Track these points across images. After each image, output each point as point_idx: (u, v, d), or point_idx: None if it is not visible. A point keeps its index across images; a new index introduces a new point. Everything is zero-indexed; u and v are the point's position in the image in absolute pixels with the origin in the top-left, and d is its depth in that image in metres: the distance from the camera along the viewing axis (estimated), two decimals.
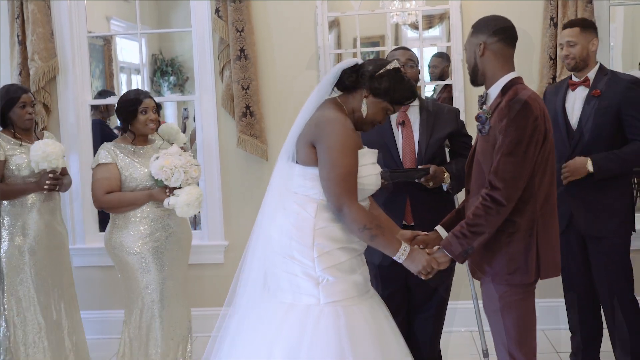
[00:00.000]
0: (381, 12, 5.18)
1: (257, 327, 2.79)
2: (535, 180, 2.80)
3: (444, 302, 3.78)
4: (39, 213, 4.09)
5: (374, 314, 2.82)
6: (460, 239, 2.79)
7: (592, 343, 4.11)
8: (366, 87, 2.84)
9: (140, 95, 4.02)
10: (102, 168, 3.92)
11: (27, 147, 4.08)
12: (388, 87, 2.84)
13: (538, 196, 2.82)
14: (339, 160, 2.69)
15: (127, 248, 3.91)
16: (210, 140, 5.04)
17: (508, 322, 2.87)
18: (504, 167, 2.73)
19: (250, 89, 4.84)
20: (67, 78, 5.06)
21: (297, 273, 2.74)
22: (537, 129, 2.76)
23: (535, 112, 2.76)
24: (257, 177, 4.99)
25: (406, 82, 2.90)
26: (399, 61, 3.59)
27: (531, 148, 2.74)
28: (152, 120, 4.00)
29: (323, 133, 2.72)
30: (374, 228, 2.70)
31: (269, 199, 2.90)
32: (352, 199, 2.70)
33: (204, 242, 5.14)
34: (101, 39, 7.99)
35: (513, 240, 2.82)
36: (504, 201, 2.73)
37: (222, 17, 4.84)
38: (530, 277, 2.84)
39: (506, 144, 2.74)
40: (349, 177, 2.70)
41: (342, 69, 2.85)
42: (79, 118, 5.09)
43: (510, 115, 2.75)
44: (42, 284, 4.10)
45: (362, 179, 2.78)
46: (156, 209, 3.96)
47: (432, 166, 3.49)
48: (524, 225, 2.81)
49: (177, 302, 4.05)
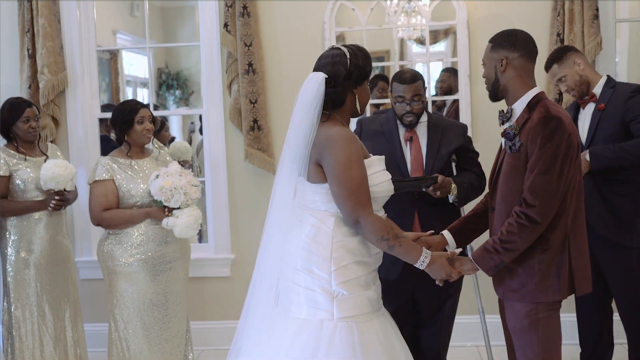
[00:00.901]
0: (387, 28, 5.21)
1: (268, 343, 2.77)
2: (567, 196, 2.79)
3: (451, 315, 3.77)
4: (45, 228, 4.11)
5: (386, 331, 2.80)
6: (492, 254, 2.78)
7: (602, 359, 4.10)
8: (352, 86, 2.81)
9: (136, 105, 4.02)
10: (100, 185, 3.92)
11: (31, 161, 4.10)
12: (364, 68, 2.83)
13: (569, 212, 2.81)
14: (346, 174, 2.68)
15: (117, 258, 3.91)
16: (218, 153, 5.06)
17: (534, 339, 2.84)
18: (539, 185, 2.71)
19: (258, 103, 4.86)
20: (76, 91, 5.09)
21: (314, 288, 2.72)
22: (571, 145, 2.75)
23: (568, 129, 2.75)
24: (264, 191, 5.00)
25: (362, 49, 2.87)
26: (405, 98, 3.61)
27: (566, 166, 2.74)
28: (149, 130, 4.00)
29: (325, 152, 2.71)
30: (391, 238, 2.69)
31: (277, 214, 2.86)
32: (367, 210, 2.69)
33: (210, 255, 5.15)
34: (108, 53, 8.03)
35: (545, 257, 2.79)
36: (540, 219, 2.71)
37: (231, 32, 4.88)
38: (563, 294, 2.82)
39: (541, 162, 2.72)
40: (360, 188, 2.69)
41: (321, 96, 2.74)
42: (88, 131, 5.12)
43: (544, 133, 2.72)
44: (47, 298, 4.12)
45: (375, 187, 2.77)
46: (154, 225, 3.96)
47: (440, 175, 3.50)
48: (557, 241, 2.79)
49: (173, 315, 4.03)
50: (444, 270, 2.78)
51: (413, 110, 3.61)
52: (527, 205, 2.73)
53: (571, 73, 3.91)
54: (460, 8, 4.83)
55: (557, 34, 4.63)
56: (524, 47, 2.88)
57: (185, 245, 4.14)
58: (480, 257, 2.81)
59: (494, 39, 2.95)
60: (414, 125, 3.66)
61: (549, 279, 2.79)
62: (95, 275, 4.94)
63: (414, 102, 3.60)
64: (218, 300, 5.15)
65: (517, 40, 2.88)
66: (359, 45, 2.89)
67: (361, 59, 2.82)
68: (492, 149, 4.34)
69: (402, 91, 3.61)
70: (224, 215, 5.10)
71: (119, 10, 8.30)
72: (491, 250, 2.78)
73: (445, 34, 7.69)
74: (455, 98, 5.10)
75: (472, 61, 4.85)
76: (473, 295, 4.21)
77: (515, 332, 2.92)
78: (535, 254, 2.79)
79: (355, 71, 2.80)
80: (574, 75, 3.90)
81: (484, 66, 2.98)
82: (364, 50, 2.86)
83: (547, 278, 2.79)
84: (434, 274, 2.79)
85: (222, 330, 5.03)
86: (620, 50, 6.29)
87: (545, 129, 2.73)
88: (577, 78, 3.90)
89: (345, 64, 2.79)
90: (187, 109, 9.13)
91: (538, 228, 2.73)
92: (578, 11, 4.59)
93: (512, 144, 2.83)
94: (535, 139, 2.74)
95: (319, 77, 2.77)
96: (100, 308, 4.91)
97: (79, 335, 4.29)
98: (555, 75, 3.96)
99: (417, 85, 3.62)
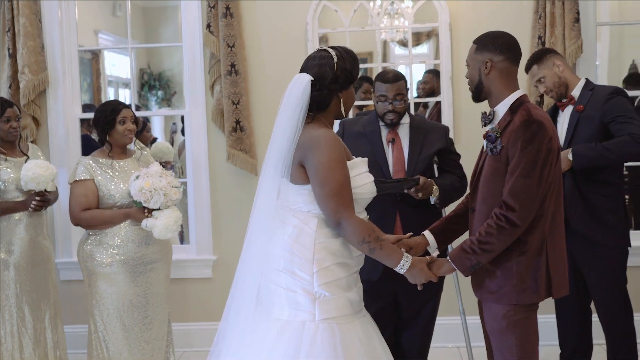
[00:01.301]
0: (370, 29, 5.22)
1: (250, 344, 2.77)
2: (546, 199, 2.80)
3: (432, 317, 3.78)
4: (25, 229, 4.08)
5: (367, 333, 2.80)
6: (469, 254, 2.78)
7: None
8: (338, 89, 2.81)
9: (118, 105, 4.01)
10: (80, 185, 3.90)
11: (12, 161, 4.08)
12: (350, 72, 2.82)
13: (547, 215, 2.81)
14: (329, 175, 2.68)
15: (97, 259, 3.89)
16: (200, 154, 5.05)
17: (512, 340, 2.84)
18: (520, 188, 2.72)
19: (240, 103, 4.86)
20: (57, 91, 5.06)
21: (296, 289, 2.72)
22: (551, 149, 2.76)
23: (549, 133, 2.76)
24: (246, 192, 4.99)
25: (350, 53, 2.86)
26: (388, 97, 3.63)
27: (546, 169, 2.74)
28: (130, 130, 3.99)
29: (308, 153, 2.71)
30: (372, 241, 2.69)
31: (261, 215, 2.85)
32: (349, 212, 2.69)
33: (192, 256, 5.13)
34: (89, 53, 7.99)
35: (523, 259, 2.79)
36: (519, 222, 2.72)
37: (214, 33, 4.87)
38: (540, 296, 2.82)
39: (522, 165, 2.72)
40: (342, 190, 2.69)
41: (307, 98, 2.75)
42: (69, 131, 5.09)
43: (525, 137, 2.73)
44: (27, 299, 4.09)
45: (358, 188, 2.77)
46: (134, 227, 3.94)
47: (421, 177, 3.51)
48: (535, 244, 2.79)
49: (154, 316, 4.01)
50: (424, 275, 2.79)
51: (395, 109, 3.62)
52: (507, 208, 2.73)
53: (550, 74, 3.94)
54: (443, 10, 4.85)
55: (539, 37, 4.66)
56: (509, 50, 2.88)
57: (167, 247, 4.13)
58: (457, 257, 2.82)
59: (478, 40, 2.94)
60: (395, 124, 3.67)
61: (527, 281, 2.80)
62: (75, 276, 4.91)
63: (396, 101, 3.62)
64: (200, 301, 5.13)
65: (503, 43, 2.88)
66: (346, 48, 2.87)
67: (348, 62, 2.82)
68: (473, 150, 4.36)
69: (384, 90, 3.62)
70: (205, 216, 5.08)
71: (101, 10, 8.27)
72: (468, 251, 2.79)
73: (427, 36, 7.72)
74: (438, 100, 5.12)
75: (455, 63, 4.87)
76: (454, 297, 4.23)
77: (493, 334, 2.93)
78: (513, 256, 2.80)
79: (341, 75, 2.79)
80: (553, 76, 3.94)
81: (467, 67, 2.96)
82: (351, 53, 2.86)
83: (525, 280, 2.80)
84: (414, 279, 2.80)
85: (204, 331, 5.01)
86: (601, 53, 6.36)
87: (526, 133, 2.73)
88: (556, 79, 3.94)
89: (332, 66, 2.78)
90: (169, 110, 9.10)
91: (517, 231, 2.74)
92: (559, 14, 4.62)
93: (494, 146, 2.83)
94: (516, 142, 2.75)
95: (305, 79, 2.76)
96: (81, 309, 4.88)
97: (58, 336, 4.26)
98: (534, 75, 4.00)
99: (400, 85, 3.63)
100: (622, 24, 5.77)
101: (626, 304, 3.92)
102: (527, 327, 2.86)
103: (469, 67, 2.96)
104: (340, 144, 2.79)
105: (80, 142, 5.16)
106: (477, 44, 2.93)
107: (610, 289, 3.90)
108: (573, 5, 4.61)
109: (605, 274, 3.88)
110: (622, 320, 3.91)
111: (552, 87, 3.95)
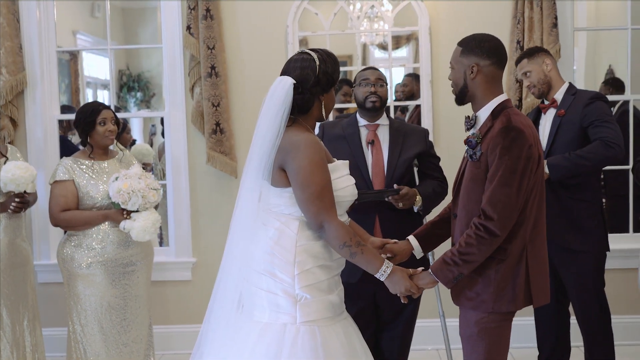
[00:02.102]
0: (350, 33, 5.24)
1: (231, 346, 2.76)
2: (527, 206, 2.75)
3: (412, 319, 3.80)
4: (4, 231, 4.04)
5: (348, 335, 2.81)
6: (451, 266, 2.73)
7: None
8: (319, 93, 2.81)
9: (98, 106, 4.00)
10: (59, 185, 3.90)
11: None
12: (332, 75, 2.81)
13: (529, 222, 2.77)
14: (310, 179, 2.67)
15: (78, 261, 3.87)
16: (180, 156, 5.03)
17: (482, 347, 2.80)
18: (498, 197, 2.66)
19: (220, 106, 4.85)
20: (35, 92, 5.01)
21: (276, 292, 2.71)
22: (531, 157, 2.70)
23: (529, 140, 2.70)
24: (226, 194, 4.98)
25: (331, 56, 2.86)
26: (369, 80, 3.67)
27: (525, 177, 2.69)
28: (111, 132, 3.98)
29: (289, 157, 2.70)
30: (354, 245, 2.69)
31: (242, 217, 2.84)
32: (331, 215, 2.68)
33: (171, 259, 5.11)
34: (67, 54, 7.94)
35: (502, 267, 2.75)
36: (498, 232, 2.67)
37: (194, 34, 4.85)
38: (517, 305, 2.77)
39: (500, 173, 2.67)
40: (324, 193, 2.68)
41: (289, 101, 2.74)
42: (47, 133, 5.04)
43: (504, 144, 2.67)
44: (5, 302, 4.04)
45: (339, 191, 2.77)
46: (114, 228, 3.93)
47: (405, 188, 3.52)
48: (515, 252, 2.75)
49: (132, 319, 3.99)
50: (404, 284, 2.75)
51: (377, 91, 3.67)
52: (485, 217, 2.69)
53: (537, 70, 3.99)
54: (423, 14, 4.87)
55: (517, 42, 4.70)
56: (495, 54, 2.82)
57: (148, 249, 4.11)
58: (439, 269, 2.77)
59: (464, 42, 2.87)
60: (377, 109, 3.69)
61: (504, 289, 2.75)
62: (53, 278, 4.88)
63: (377, 84, 3.68)
64: (179, 304, 5.11)
65: (489, 47, 2.81)
66: (327, 51, 2.87)
67: (330, 65, 2.81)
68: (453, 154, 4.40)
69: (366, 75, 3.73)
70: (185, 218, 5.06)
71: (79, 10, 8.21)
72: (450, 263, 2.74)
73: (407, 39, 7.77)
74: (418, 103, 5.14)
75: (434, 67, 4.90)
76: (434, 299, 4.25)
77: (463, 339, 2.88)
78: (492, 264, 2.75)
79: (323, 78, 2.79)
80: (540, 73, 3.99)
81: (452, 69, 2.89)
82: (332, 56, 2.85)
83: (502, 288, 2.75)
84: (393, 287, 2.77)
85: (183, 334, 5.00)
86: (578, 58, 6.43)
87: (505, 140, 2.68)
88: (541, 76, 3.98)
89: (314, 69, 2.77)
90: (149, 112, 9.06)
91: (497, 240, 2.70)
92: (537, 19, 4.67)
93: (474, 152, 2.79)
94: (495, 148, 2.70)
95: (287, 82, 2.75)
96: (59, 312, 4.84)
97: (37, 339, 4.22)
98: (522, 68, 4.04)
99: (380, 73, 3.76)
100: (599, 30, 5.84)
101: (603, 307, 3.96)
102: (498, 336, 2.81)
103: (453, 69, 2.88)
104: (321, 147, 2.78)
105: (58, 144, 5.12)
106: (462, 46, 2.86)
107: (589, 292, 3.93)
108: (551, 11, 4.65)
109: (583, 278, 3.92)
110: (599, 322, 3.94)
111: (536, 82, 3.99)
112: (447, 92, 4.83)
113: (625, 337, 4.72)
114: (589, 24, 6.52)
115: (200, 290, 5.00)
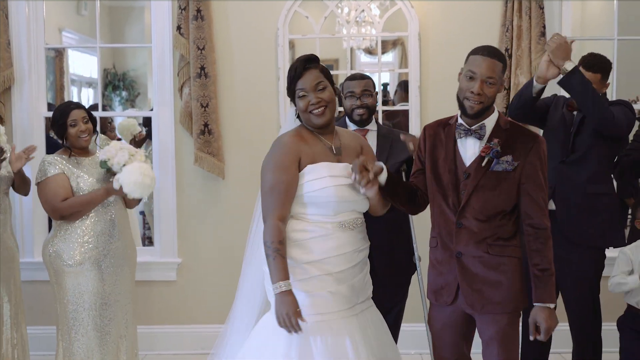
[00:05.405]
0: (340, 37, 5.26)
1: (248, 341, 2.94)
2: None
3: (396, 324, 3.82)
4: None
5: (363, 329, 2.89)
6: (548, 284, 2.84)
7: None
8: (292, 99, 2.99)
9: (67, 107, 3.93)
10: (53, 179, 3.86)
11: None
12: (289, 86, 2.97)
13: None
14: (264, 176, 2.85)
15: (65, 258, 3.85)
16: (167, 156, 5.02)
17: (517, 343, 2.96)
18: (544, 203, 2.85)
19: (209, 107, 4.85)
20: (23, 89, 4.99)
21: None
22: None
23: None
24: (213, 195, 4.99)
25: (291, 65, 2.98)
26: (355, 93, 3.70)
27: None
28: (83, 132, 3.91)
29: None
30: (273, 248, 2.74)
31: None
32: (273, 214, 2.79)
33: (156, 259, 5.09)
34: (53, 51, 7.89)
35: (520, 266, 2.90)
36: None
37: (184, 35, 4.85)
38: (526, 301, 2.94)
39: (542, 181, 2.85)
40: (272, 192, 2.81)
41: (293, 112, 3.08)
42: (34, 129, 5.01)
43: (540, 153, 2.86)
44: None
45: (314, 192, 2.83)
46: (101, 222, 3.91)
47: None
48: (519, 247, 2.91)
49: (113, 316, 3.97)
50: (291, 308, 2.67)
51: (363, 104, 3.70)
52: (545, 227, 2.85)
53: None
54: (412, 20, 4.90)
55: (506, 49, 4.75)
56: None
57: (131, 246, 4.10)
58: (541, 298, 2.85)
59: (501, 57, 2.90)
60: (365, 121, 3.72)
61: (523, 287, 2.91)
62: (38, 276, 4.84)
63: (363, 96, 3.72)
64: (164, 304, 5.09)
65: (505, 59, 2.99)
66: (295, 60, 2.98)
67: (288, 76, 2.96)
68: None
69: (351, 87, 3.76)
70: (171, 218, 5.05)
71: (66, 8, 8.17)
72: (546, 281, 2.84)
73: (393, 44, 7.79)
74: (406, 108, 5.16)
75: (423, 72, 4.92)
76: (418, 304, 4.27)
77: (494, 341, 2.92)
78: (517, 264, 2.89)
79: (288, 87, 2.97)
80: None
81: (492, 85, 2.84)
82: (292, 65, 2.97)
83: (523, 287, 2.91)
84: (279, 306, 2.70)
85: (167, 334, 4.99)
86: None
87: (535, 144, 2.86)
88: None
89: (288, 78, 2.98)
90: (136, 111, 9.02)
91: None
92: (526, 28, 4.72)
93: (504, 161, 2.84)
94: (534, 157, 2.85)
95: None
96: (43, 310, 4.82)
97: (21, 337, 4.20)
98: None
99: (367, 82, 3.77)
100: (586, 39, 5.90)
101: (597, 311, 3.97)
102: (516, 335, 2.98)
103: (493, 85, 2.85)
104: (290, 149, 2.87)
105: (45, 140, 5.09)
106: (502, 62, 2.88)
107: (585, 295, 3.92)
108: (539, 20, 4.71)
109: (581, 280, 3.90)
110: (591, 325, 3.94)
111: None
112: (435, 97, 4.89)
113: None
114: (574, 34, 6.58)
115: (185, 291, 5.00)
